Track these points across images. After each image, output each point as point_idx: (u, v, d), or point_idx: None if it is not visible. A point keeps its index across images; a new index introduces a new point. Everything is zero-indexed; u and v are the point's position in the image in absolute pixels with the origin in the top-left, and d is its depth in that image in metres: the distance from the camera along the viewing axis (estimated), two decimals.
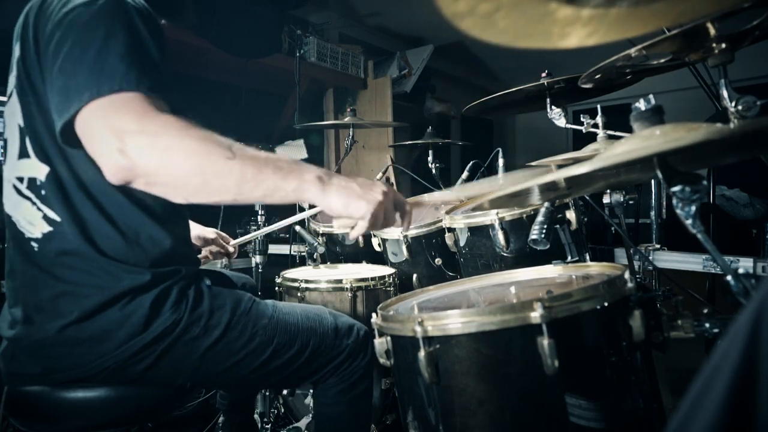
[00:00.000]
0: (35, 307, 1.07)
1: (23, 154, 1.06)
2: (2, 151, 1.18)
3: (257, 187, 0.92)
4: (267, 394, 1.95)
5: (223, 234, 1.71)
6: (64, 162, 1.03)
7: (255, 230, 2.23)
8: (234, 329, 1.16)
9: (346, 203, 0.98)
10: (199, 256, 1.65)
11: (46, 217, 1.04)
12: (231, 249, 1.72)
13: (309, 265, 2.25)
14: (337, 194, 0.98)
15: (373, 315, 1.14)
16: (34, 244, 1.05)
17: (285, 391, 1.95)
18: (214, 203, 0.92)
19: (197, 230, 1.67)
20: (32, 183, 1.05)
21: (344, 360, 1.33)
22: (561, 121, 1.92)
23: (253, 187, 0.92)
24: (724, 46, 1.13)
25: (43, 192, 1.04)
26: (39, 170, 1.04)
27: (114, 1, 0.95)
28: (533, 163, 1.85)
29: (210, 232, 1.68)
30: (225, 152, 0.91)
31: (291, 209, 2.77)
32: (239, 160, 0.91)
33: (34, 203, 1.04)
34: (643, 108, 0.86)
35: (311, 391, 1.53)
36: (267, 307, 1.26)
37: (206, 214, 1.61)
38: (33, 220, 1.05)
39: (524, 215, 1.66)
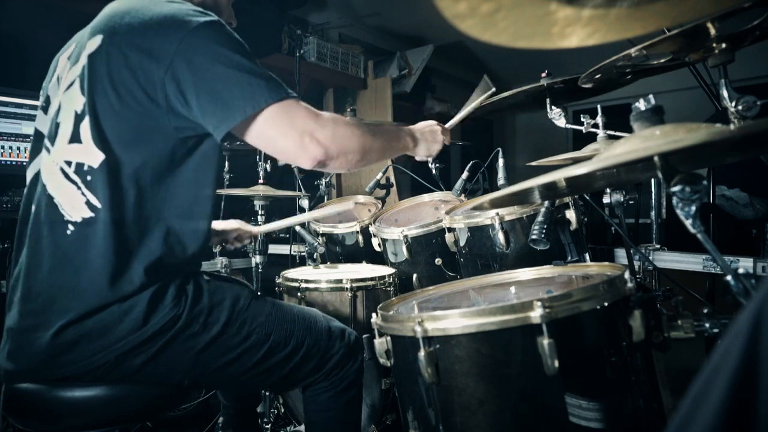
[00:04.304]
0: (43, 301, 1.08)
1: (74, 139, 1.09)
2: (34, 138, 1.25)
3: (385, 154, 1.30)
4: (267, 394, 1.95)
5: (244, 223, 1.80)
6: (123, 154, 1.08)
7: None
8: (232, 325, 1.17)
9: (427, 151, 1.47)
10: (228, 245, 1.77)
11: (88, 203, 1.07)
12: (255, 232, 1.81)
13: (309, 265, 2.25)
14: (422, 147, 1.45)
15: (373, 315, 1.14)
16: (70, 227, 1.08)
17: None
18: (360, 168, 1.23)
19: (220, 225, 1.74)
20: (80, 168, 1.08)
21: (336, 364, 1.34)
22: (561, 121, 1.92)
23: (383, 155, 1.29)
24: (724, 46, 1.13)
25: (89, 178, 1.07)
26: (92, 157, 1.07)
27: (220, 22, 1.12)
28: (533, 163, 1.86)
29: (234, 224, 1.76)
30: (370, 134, 1.21)
31: (291, 210, 2.77)
32: (378, 138, 1.24)
33: (79, 188, 1.08)
34: (643, 108, 0.86)
35: None
36: (265, 304, 1.27)
37: None
38: (75, 204, 1.08)
39: (524, 215, 1.66)
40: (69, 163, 1.09)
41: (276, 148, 1.12)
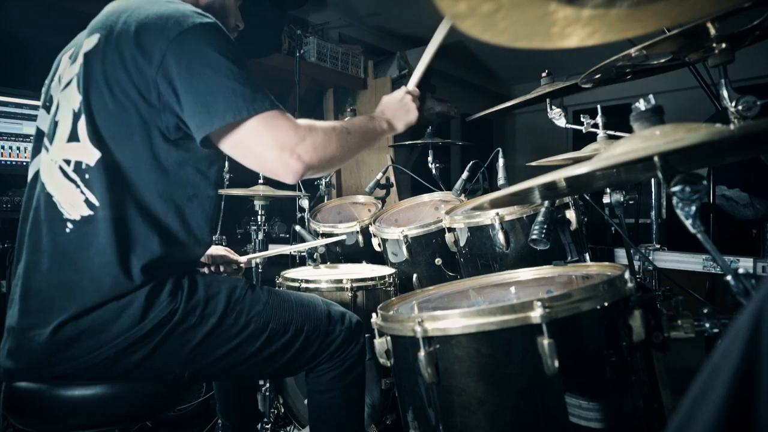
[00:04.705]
0: (43, 299, 1.08)
1: (73, 137, 1.10)
2: (35, 137, 1.24)
3: (366, 146, 1.30)
4: (267, 394, 1.95)
5: (231, 251, 1.74)
6: (118, 152, 1.09)
7: (254, 230, 2.24)
8: (229, 316, 1.18)
9: (406, 122, 1.47)
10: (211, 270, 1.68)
11: (87, 201, 1.08)
12: (242, 261, 1.74)
13: (309, 265, 2.25)
14: (399, 122, 1.45)
15: (373, 315, 1.14)
16: (70, 225, 1.08)
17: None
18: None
19: (209, 250, 1.69)
20: (78, 166, 1.09)
21: (338, 347, 1.34)
22: (561, 121, 1.92)
23: (364, 147, 1.29)
24: (724, 46, 1.13)
25: (87, 176, 1.08)
26: (89, 155, 1.08)
27: (217, 25, 1.11)
28: (533, 163, 1.86)
29: (220, 250, 1.70)
30: (347, 133, 1.21)
31: (291, 210, 2.77)
32: (354, 135, 1.23)
33: (78, 186, 1.08)
34: (643, 108, 0.86)
35: None
36: (262, 293, 1.27)
37: None
38: (74, 202, 1.08)
39: (524, 215, 1.66)
40: (68, 162, 1.09)
41: (255, 161, 1.10)
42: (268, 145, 1.07)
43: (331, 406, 1.37)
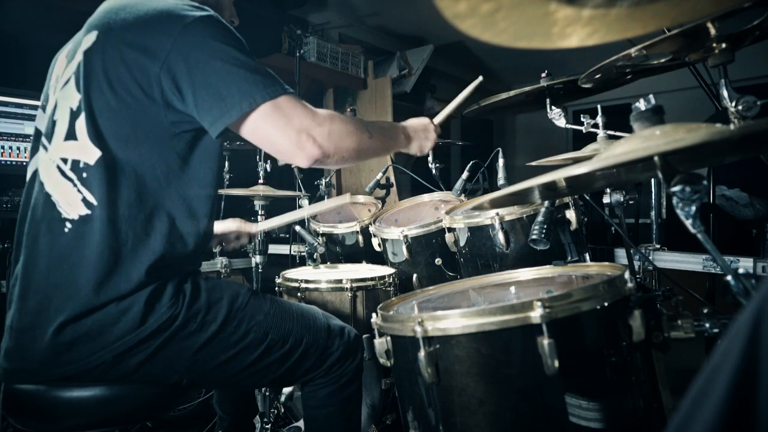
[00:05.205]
0: (41, 299, 1.08)
1: (70, 136, 1.09)
2: (34, 137, 1.24)
3: (380, 151, 1.31)
4: (267, 394, 1.95)
5: (244, 221, 1.82)
6: (120, 150, 1.08)
7: None
8: (230, 324, 1.17)
9: (419, 148, 1.50)
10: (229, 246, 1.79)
11: (84, 200, 1.07)
12: (254, 231, 1.83)
13: (309, 265, 2.25)
14: (415, 145, 1.48)
15: (373, 315, 1.14)
16: (68, 225, 1.07)
17: (284, 393, 1.95)
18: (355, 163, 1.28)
19: (219, 227, 1.74)
20: (76, 165, 1.08)
21: (335, 362, 1.34)
22: (561, 121, 1.92)
23: (378, 152, 1.30)
24: (724, 46, 1.13)
25: (85, 175, 1.07)
26: (89, 154, 1.07)
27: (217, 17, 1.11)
28: (533, 163, 1.86)
29: (233, 225, 1.77)
30: (366, 131, 1.22)
31: (291, 208, 2.77)
32: (374, 136, 1.24)
33: (75, 185, 1.08)
34: (643, 108, 0.86)
35: None
36: (264, 302, 1.26)
37: None
38: (72, 201, 1.08)
39: (524, 215, 1.66)
40: (65, 161, 1.09)
41: (272, 146, 1.11)
42: (284, 128, 1.07)
43: (326, 422, 1.36)
